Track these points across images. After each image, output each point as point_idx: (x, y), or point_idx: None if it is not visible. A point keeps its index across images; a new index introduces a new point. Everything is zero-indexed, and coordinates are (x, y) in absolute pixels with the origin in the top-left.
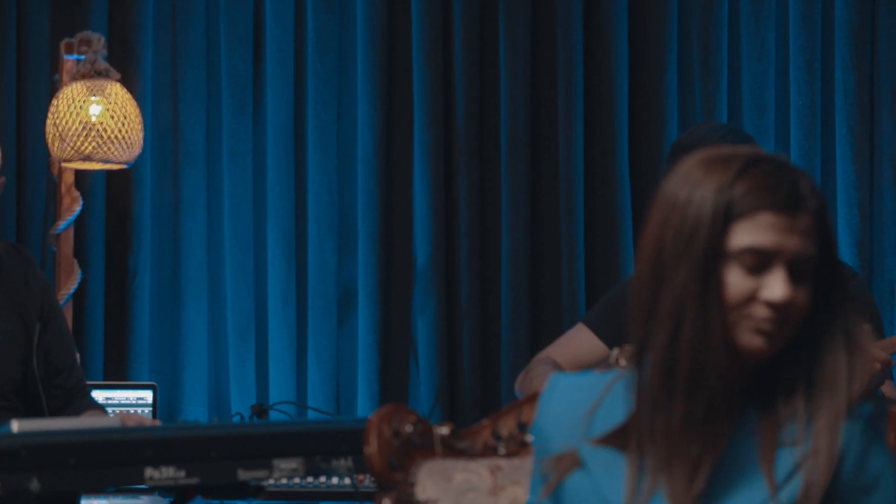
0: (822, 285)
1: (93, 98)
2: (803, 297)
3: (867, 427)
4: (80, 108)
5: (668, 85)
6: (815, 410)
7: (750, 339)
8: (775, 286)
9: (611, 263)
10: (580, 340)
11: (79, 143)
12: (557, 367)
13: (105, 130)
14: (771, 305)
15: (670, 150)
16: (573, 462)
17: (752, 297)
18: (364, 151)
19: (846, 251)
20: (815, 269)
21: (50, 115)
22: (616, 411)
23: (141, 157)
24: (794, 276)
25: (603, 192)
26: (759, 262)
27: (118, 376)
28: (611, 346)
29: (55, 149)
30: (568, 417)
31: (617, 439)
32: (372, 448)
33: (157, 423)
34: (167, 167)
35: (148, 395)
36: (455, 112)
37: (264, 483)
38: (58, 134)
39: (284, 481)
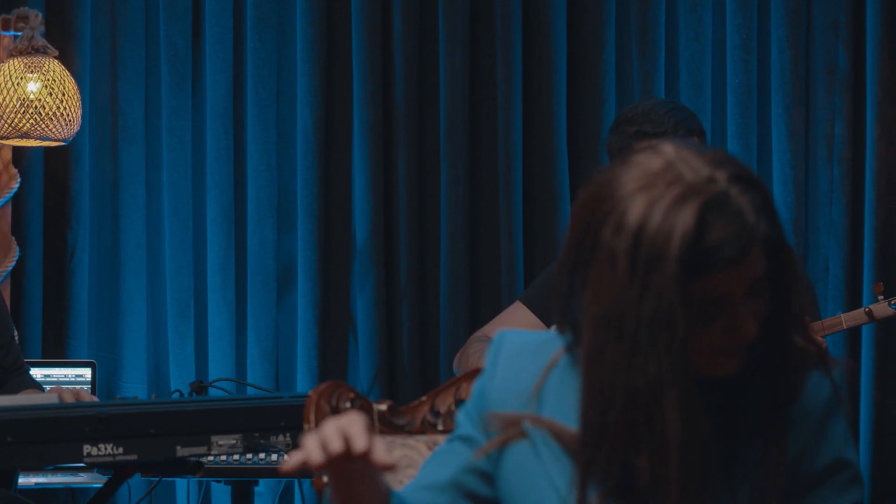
0: (776, 278)
1: (30, 75)
2: (763, 308)
3: (825, 411)
4: (18, 84)
5: (606, 63)
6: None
7: (715, 368)
8: (741, 327)
9: (549, 241)
10: (518, 318)
11: (16, 120)
12: None
13: (43, 107)
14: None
15: (615, 121)
16: (520, 432)
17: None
18: (303, 128)
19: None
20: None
21: None
22: (564, 394)
23: (79, 133)
24: (747, 296)
25: (541, 171)
26: (717, 309)
27: (57, 354)
28: (548, 323)
29: None
30: (515, 387)
31: (565, 441)
32: (311, 424)
33: (95, 398)
34: (106, 144)
35: (87, 373)
36: (394, 90)
37: (203, 459)
38: None
39: (223, 458)
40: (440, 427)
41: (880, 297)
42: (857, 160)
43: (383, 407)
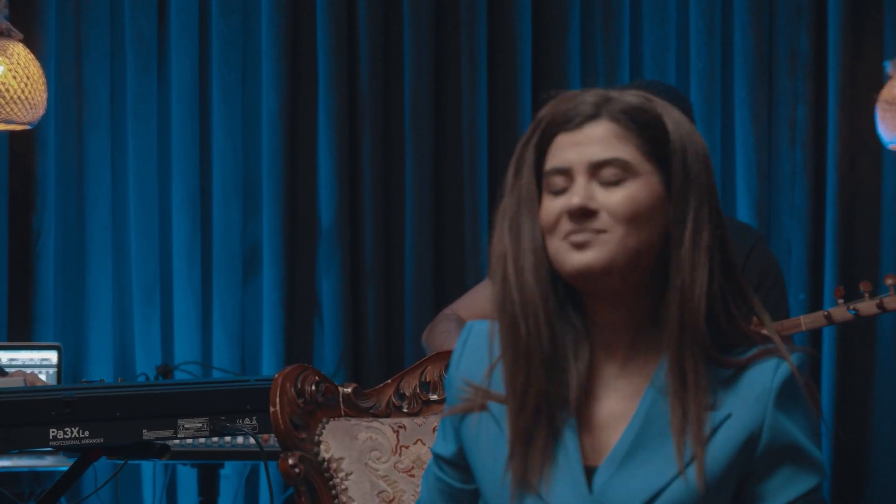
0: (673, 192)
1: None
2: (617, 198)
3: (781, 393)
4: None
5: (571, 47)
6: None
7: (570, 257)
8: (569, 195)
9: None
10: (485, 296)
11: None
12: (462, 322)
13: (7, 91)
14: (570, 214)
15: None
16: (481, 405)
17: (560, 216)
18: (269, 112)
19: (745, 212)
20: (661, 180)
21: None
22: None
23: (44, 117)
24: (604, 183)
25: (506, 153)
26: (563, 183)
27: (22, 337)
28: None
29: None
30: (479, 372)
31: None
32: (276, 407)
33: (61, 382)
34: (71, 128)
35: (53, 356)
36: (359, 73)
37: (169, 443)
38: None
39: (189, 441)
40: (405, 409)
41: (840, 301)
42: (819, 144)
43: (348, 390)
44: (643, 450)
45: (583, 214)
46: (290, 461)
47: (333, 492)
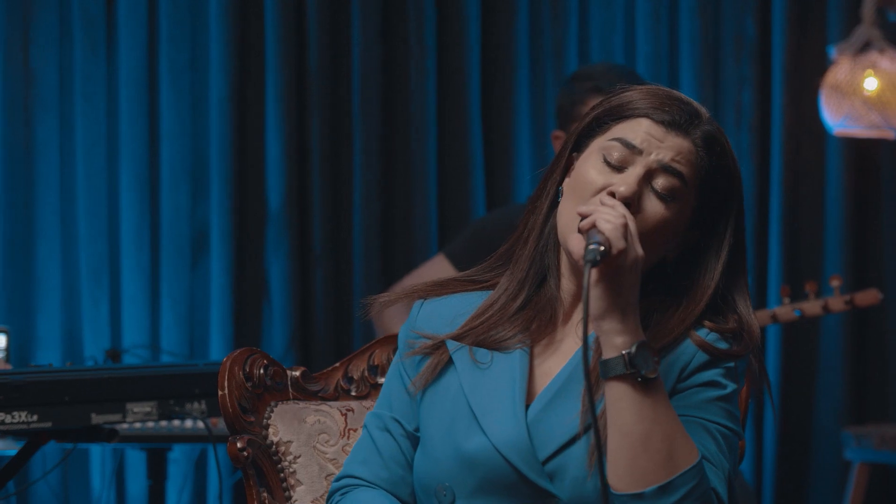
0: (704, 232)
1: None
2: (657, 213)
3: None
4: None
5: (519, 29)
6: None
7: (580, 245)
8: (623, 180)
9: (462, 205)
10: (439, 271)
11: None
12: (411, 302)
13: None
14: (610, 195)
15: (570, 77)
16: (445, 354)
17: (601, 191)
18: (217, 95)
19: None
20: (695, 213)
21: None
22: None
23: None
24: (654, 190)
25: (455, 134)
26: (621, 159)
27: None
28: None
29: None
30: (437, 321)
31: (468, 337)
32: (224, 391)
33: (9, 366)
34: (18, 110)
35: (0, 340)
36: (307, 55)
37: (118, 426)
38: None
39: (138, 425)
40: (353, 393)
41: (786, 301)
42: (764, 128)
43: (297, 373)
44: (569, 393)
45: (625, 203)
46: (239, 444)
47: (282, 475)
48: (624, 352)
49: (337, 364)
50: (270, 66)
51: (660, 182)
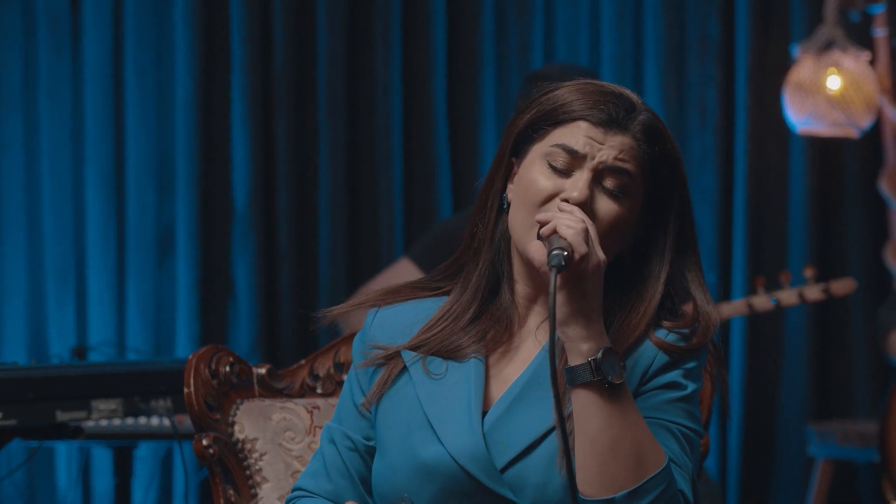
0: (650, 223)
1: None
2: (610, 211)
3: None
4: None
5: (485, 30)
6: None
7: (540, 252)
8: (573, 186)
9: (428, 204)
10: (404, 274)
11: None
12: None
13: None
14: (562, 202)
15: (529, 77)
16: (399, 363)
17: (552, 197)
18: (183, 95)
19: None
20: (644, 204)
21: None
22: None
23: None
24: (603, 190)
25: (420, 134)
26: (566, 164)
27: None
28: None
29: None
30: (391, 331)
31: (422, 346)
32: (190, 388)
33: None
34: None
35: None
36: (273, 56)
37: (83, 424)
38: None
39: (104, 422)
40: (319, 390)
41: (761, 290)
42: (729, 127)
43: (263, 371)
44: (528, 399)
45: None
46: (205, 442)
47: (248, 472)
48: (590, 358)
49: (303, 361)
50: (236, 66)
51: (608, 181)
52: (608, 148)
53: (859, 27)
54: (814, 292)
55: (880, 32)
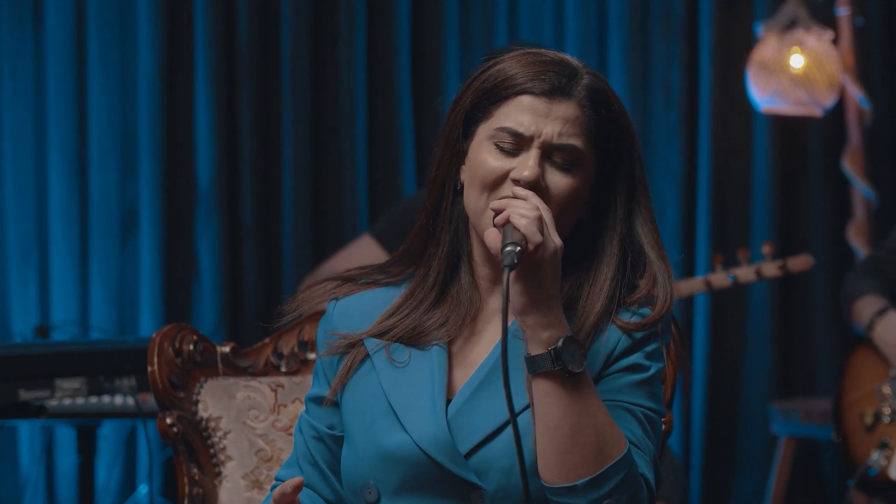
0: (605, 185)
1: None
2: (563, 184)
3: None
4: None
5: (448, 9)
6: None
7: (492, 235)
8: (523, 165)
9: (392, 183)
10: (365, 251)
11: None
12: None
13: None
14: (515, 183)
15: (488, 57)
16: (361, 351)
17: (503, 177)
18: (146, 72)
19: None
20: (597, 168)
21: None
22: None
23: None
24: (554, 164)
25: (385, 111)
26: (513, 145)
27: None
28: None
29: None
30: (352, 319)
31: (385, 333)
32: (154, 367)
33: None
34: None
35: None
36: (237, 33)
37: (46, 403)
38: None
39: (67, 401)
40: (283, 369)
41: (719, 268)
42: (693, 106)
43: (226, 349)
44: (492, 385)
45: (529, 188)
46: (169, 420)
47: (212, 451)
48: (550, 348)
49: (267, 340)
50: (200, 43)
51: (557, 156)
52: (553, 122)
53: (822, 6)
54: (771, 269)
55: (843, 11)
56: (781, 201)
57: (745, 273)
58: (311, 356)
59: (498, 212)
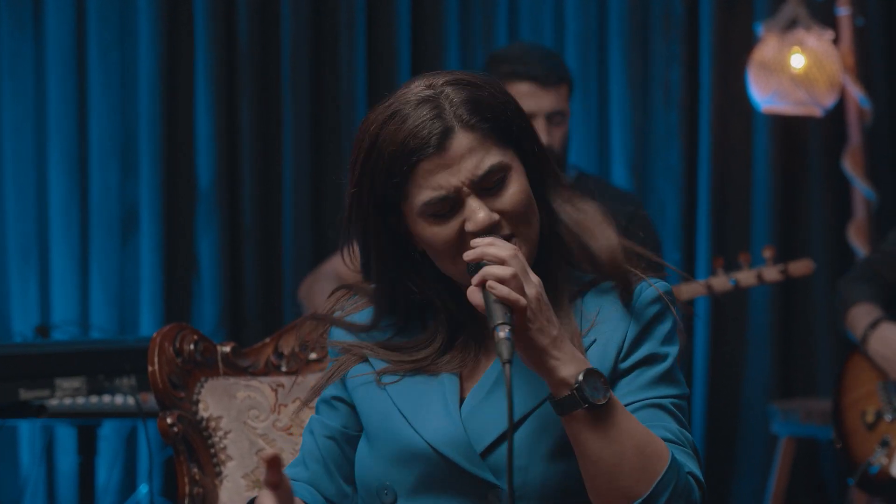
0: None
1: None
2: (511, 199)
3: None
4: None
5: (449, 9)
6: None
7: (475, 294)
8: (471, 217)
9: None
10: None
11: None
12: (341, 279)
13: None
14: (476, 235)
15: (487, 60)
16: (359, 356)
17: (460, 236)
18: (146, 72)
19: (621, 172)
20: (519, 159)
21: None
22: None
23: None
24: (488, 190)
25: None
26: (446, 208)
27: None
28: None
29: None
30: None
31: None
32: (154, 366)
33: None
34: None
35: None
36: (237, 33)
37: (46, 402)
38: None
39: (68, 401)
40: (284, 368)
41: (720, 271)
42: (693, 105)
43: (227, 349)
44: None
45: (490, 230)
46: (169, 420)
47: (212, 450)
48: (573, 388)
49: (267, 340)
50: (200, 43)
51: (488, 181)
52: (462, 163)
53: (823, 6)
54: (772, 273)
55: (843, 11)
56: (782, 201)
57: (746, 277)
58: (312, 356)
59: (471, 262)
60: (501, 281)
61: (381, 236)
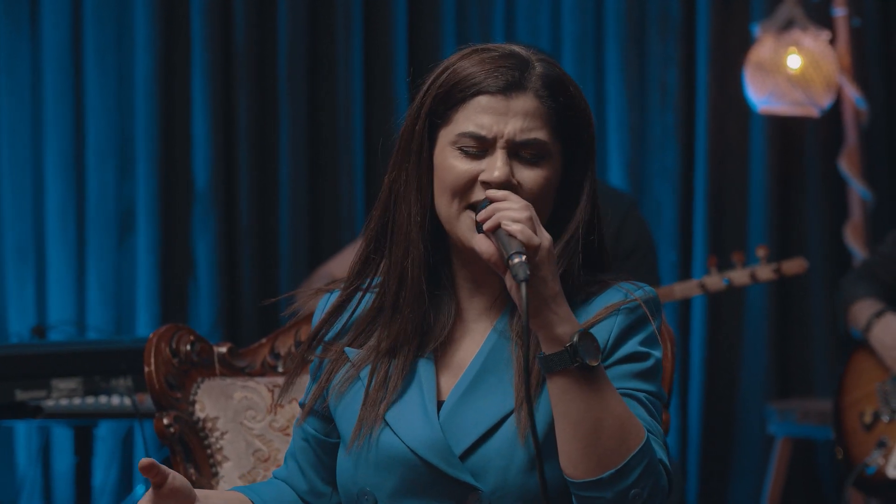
0: (570, 171)
1: None
2: (534, 177)
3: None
4: None
5: (445, 9)
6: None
7: (478, 239)
8: (491, 167)
9: None
10: None
11: None
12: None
13: None
14: (485, 185)
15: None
16: (341, 357)
17: (473, 181)
18: (143, 72)
19: (617, 172)
20: (562, 155)
21: None
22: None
23: None
24: (521, 160)
25: (381, 112)
26: (478, 147)
27: None
28: None
29: None
30: (341, 318)
31: (362, 339)
32: (151, 367)
33: None
34: None
35: None
36: (234, 33)
37: (43, 403)
38: None
39: (64, 401)
40: (280, 369)
41: (714, 270)
42: (689, 106)
43: (223, 349)
44: (483, 385)
45: (501, 188)
46: (165, 421)
47: (209, 451)
48: (567, 345)
49: (263, 340)
50: (196, 43)
51: (524, 151)
52: (513, 119)
53: (819, 7)
54: (765, 272)
55: (840, 12)
56: (778, 201)
57: (739, 276)
58: (308, 357)
59: (483, 220)
60: (516, 222)
61: (422, 150)
